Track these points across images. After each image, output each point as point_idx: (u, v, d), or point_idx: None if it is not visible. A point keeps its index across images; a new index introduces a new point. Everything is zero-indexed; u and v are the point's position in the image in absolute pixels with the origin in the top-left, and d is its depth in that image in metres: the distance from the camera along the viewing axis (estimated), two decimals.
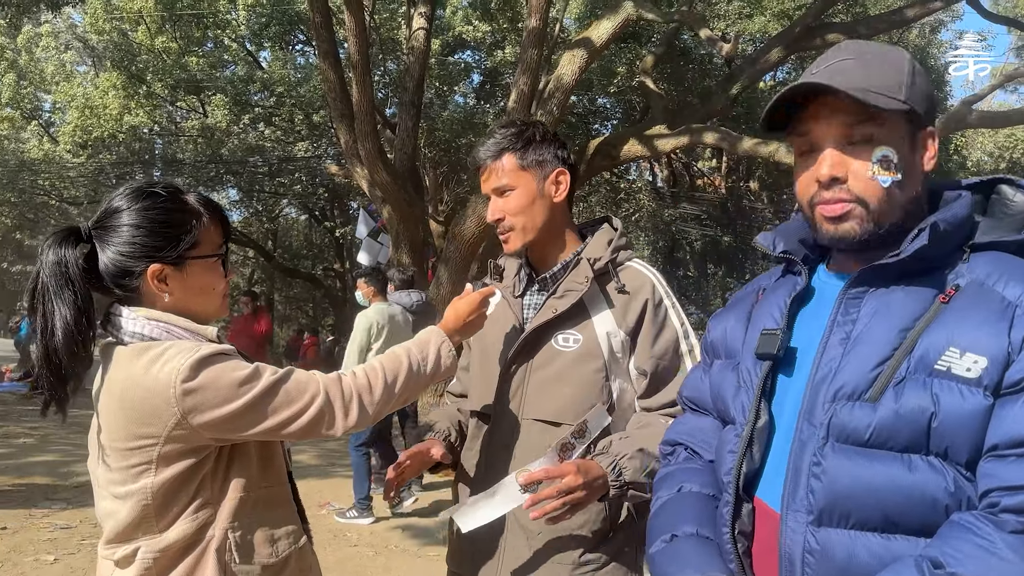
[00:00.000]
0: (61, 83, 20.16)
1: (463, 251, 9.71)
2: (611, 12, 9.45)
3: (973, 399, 1.08)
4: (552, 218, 1.89)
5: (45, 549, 4.87)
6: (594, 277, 1.84)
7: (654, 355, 1.82)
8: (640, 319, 1.83)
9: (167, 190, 1.56)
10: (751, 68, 10.84)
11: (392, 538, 5.75)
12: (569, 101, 10.73)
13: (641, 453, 1.71)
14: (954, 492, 1.08)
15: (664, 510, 1.41)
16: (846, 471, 1.14)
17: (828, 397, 1.19)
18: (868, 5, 17.69)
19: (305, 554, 1.68)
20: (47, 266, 1.47)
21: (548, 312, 1.84)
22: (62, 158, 19.11)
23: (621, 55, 15.47)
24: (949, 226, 1.18)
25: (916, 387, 1.11)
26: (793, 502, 1.20)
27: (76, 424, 9.68)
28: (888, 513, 1.12)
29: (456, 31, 17.89)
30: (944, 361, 1.10)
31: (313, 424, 1.53)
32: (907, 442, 1.11)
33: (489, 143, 1.89)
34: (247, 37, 19.25)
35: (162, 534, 1.50)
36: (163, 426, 1.45)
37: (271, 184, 18.82)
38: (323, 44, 9.77)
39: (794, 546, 1.19)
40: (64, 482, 6.72)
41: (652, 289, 1.86)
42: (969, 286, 1.15)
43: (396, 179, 10.09)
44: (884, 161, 1.19)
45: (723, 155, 19.52)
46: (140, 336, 1.51)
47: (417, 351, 1.71)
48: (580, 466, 1.68)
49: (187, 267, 1.56)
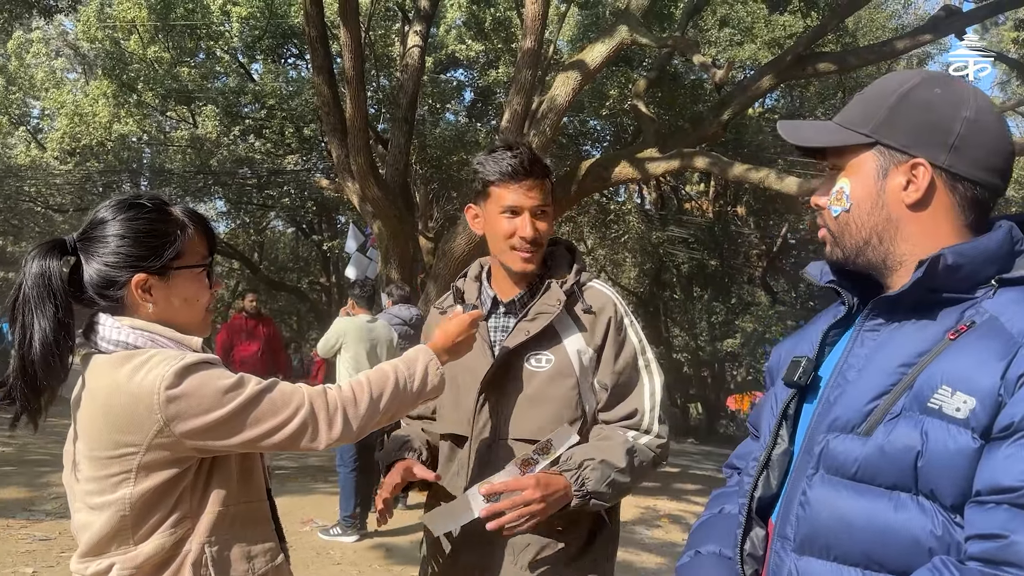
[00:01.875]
0: (51, 90, 20.06)
1: (452, 268, 9.67)
2: (606, 36, 9.51)
3: (960, 440, 1.05)
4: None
5: (23, 561, 4.79)
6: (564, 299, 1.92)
7: (615, 370, 1.93)
8: (605, 336, 1.93)
9: (152, 201, 1.58)
10: (742, 95, 10.90)
11: (376, 557, 5.70)
12: (562, 122, 10.77)
13: (602, 464, 1.82)
14: (940, 536, 1.05)
15: (700, 528, 1.47)
16: (828, 503, 1.14)
17: (824, 428, 1.19)
18: (859, 36, 17.93)
19: (282, 573, 1.66)
20: (29, 277, 1.47)
21: (520, 334, 1.91)
22: (49, 165, 18.96)
23: (613, 78, 15.57)
24: (962, 259, 1.13)
25: (908, 424, 1.09)
26: (782, 528, 1.21)
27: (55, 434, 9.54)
28: (867, 551, 1.10)
29: (449, 49, 17.96)
30: (937, 399, 1.07)
31: (297, 435, 1.53)
32: (895, 479, 1.09)
33: (537, 159, 1.94)
34: (239, 49, 19.22)
35: (137, 547, 1.48)
36: (145, 434, 1.43)
37: (259, 196, 18.72)
38: (318, 58, 9.76)
39: (779, 571, 1.20)
40: (42, 493, 6.62)
41: (614, 308, 1.96)
42: (984, 323, 1.10)
43: (387, 195, 10.07)
44: (838, 192, 1.26)
45: (711, 179, 19.63)
46: (124, 344, 1.50)
47: (405, 368, 1.71)
48: (540, 480, 1.76)
49: (171, 277, 1.56)
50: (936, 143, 1.18)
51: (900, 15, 21.73)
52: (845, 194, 1.25)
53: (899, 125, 1.20)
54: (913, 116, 1.19)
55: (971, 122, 1.17)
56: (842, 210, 1.25)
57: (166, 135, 19.75)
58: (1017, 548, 0.97)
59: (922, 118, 1.19)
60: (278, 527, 1.72)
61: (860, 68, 13.64)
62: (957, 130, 1.17)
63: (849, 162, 1.25)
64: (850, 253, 1.26)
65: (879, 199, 1.22)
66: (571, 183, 11.05)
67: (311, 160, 18.87)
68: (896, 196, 1.21)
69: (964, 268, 1.14)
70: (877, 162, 1.22)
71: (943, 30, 10.27)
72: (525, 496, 1.73)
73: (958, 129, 1.17)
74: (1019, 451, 1.00)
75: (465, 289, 2.09)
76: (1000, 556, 0.98)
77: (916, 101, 1.20)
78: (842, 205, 1.25)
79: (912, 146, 1.19)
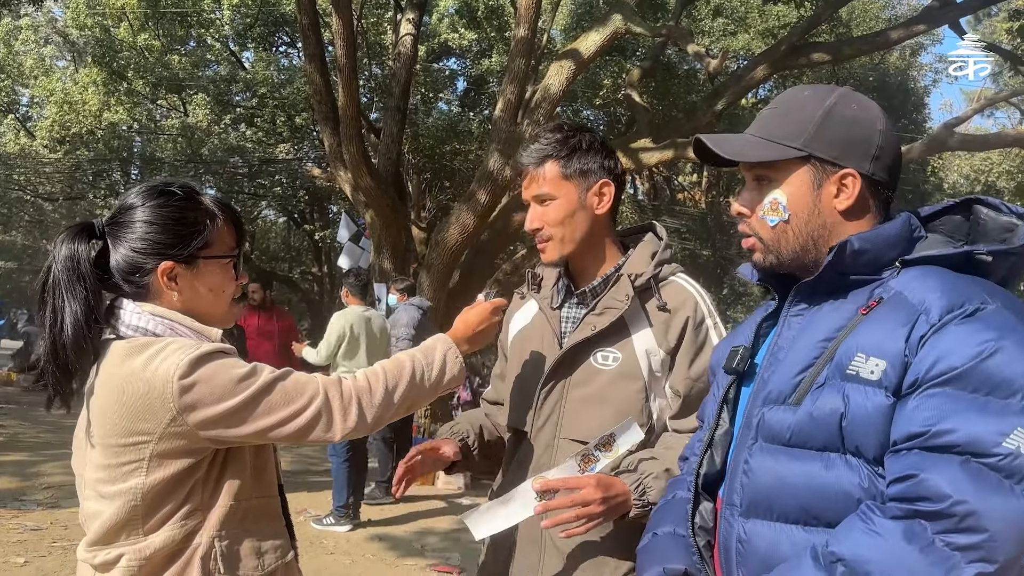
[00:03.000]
0: (40, 77, 19.87)
1: (445, 258, 9.67)
2: (600, 24, 9.47)
3: (876, 399, 1.18)
4: (592, 230, 1.83)
5: (14, 551, 4.76)
6: (635, 295, 1.77)
7: (691, 376, 1.77)
8: (680, 338, 1.77)
9: (183, 189, 1.57)
10: (736, 85, 10.89)
11: (369, 547, 5.70)
12: (555, 111, 10.73)
13: (667, 473, 1.67)
14: (867, 487, 1.18)
15: (656, 512, 1.57)
16: (768, 467, 1.28)
17: (760, 402, 1.32)
18: (853, 26, 17.92)
19: (291, 569, 1.64)
20: (60, 260, 1.47)
21: (587, 329, 1.79)
22: (38, 153, 18.81)
23: (607, 68, 15.54)
24: (867, 244, 1.28)
25: (831, 391, 1.22)
26: (730, 497, 1.34)
27: (46, 423, 9.53)
28: (806, 506, 1.23)
29: (442, 38, 17.86)
30: (854, 366, 1.21)
31: (310, 425, 1.50)
32: (824, 441, 1.22)
33: (532, 148, 1.83)
34: (231, 37, 19.09)
35: (147, 538, 1.46)
36: (158, 423, 1.42)
37: (251, 185, 18.63)
38: (310, 46, 9.70)
39: (729, 536, 1.33)
40: (33, 483, 6.59)
41: (694, 307, 1.80)
42: (891, 298, 1.25)
43: (380, 184, 10.03)
44: (772, 203, 1.36)
45: (704, 170, 19.63)
46: (143, 331, 1.49)
47: (422, 357, 1.67)
48: (600, 480, 1.62)
49: (198, 266, 1.55)
50: (861, 154, 1.32)
51: (894, 5, 21.73)
52: (781, 205, 1.35)
53: (828, 139, 1.32)
54: (840, 131, 1.32)
55: (884, 134, 1.34)
56: (779, 220, 1.35)
57: (156, 123, 19.63)
58: (928, 483, 1.09)
59: (849, 132, 1.32)
60: (289, 523, 1.69)
61: (854, 58, 13.66)
62: (877, 141, 1.33)
63: (781, 174, 1.35)
64: (786, 259, 1.37)
65: (815, 208, 1.34)
66: None
67: (303, 149, 18.79)
68: (830, 204, 1.33)
69: (869, 252, 1.29)
70: (811, 174, 1.33)
71: (937, 20, 10.28)
72: (584, 495, 1.58)
73: (878, 141, 1.33)
74: (924, 401, 1.14)
75: (543, 275, 1.97)
76: (913, 492, 1.10)
77: (841, 117, 1.33)
78: (779, 215, 1.35)
79: (841, 158, 1.32)
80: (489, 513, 1.73)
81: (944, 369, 1.13)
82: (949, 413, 1.11)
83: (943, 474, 1.09)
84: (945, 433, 1.10)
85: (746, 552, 1.29)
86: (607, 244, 1.88)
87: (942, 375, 1.13)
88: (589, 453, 1.69)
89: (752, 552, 1.28)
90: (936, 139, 11.09)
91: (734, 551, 1.31)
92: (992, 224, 1.31)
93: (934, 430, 1.11)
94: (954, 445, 1.10)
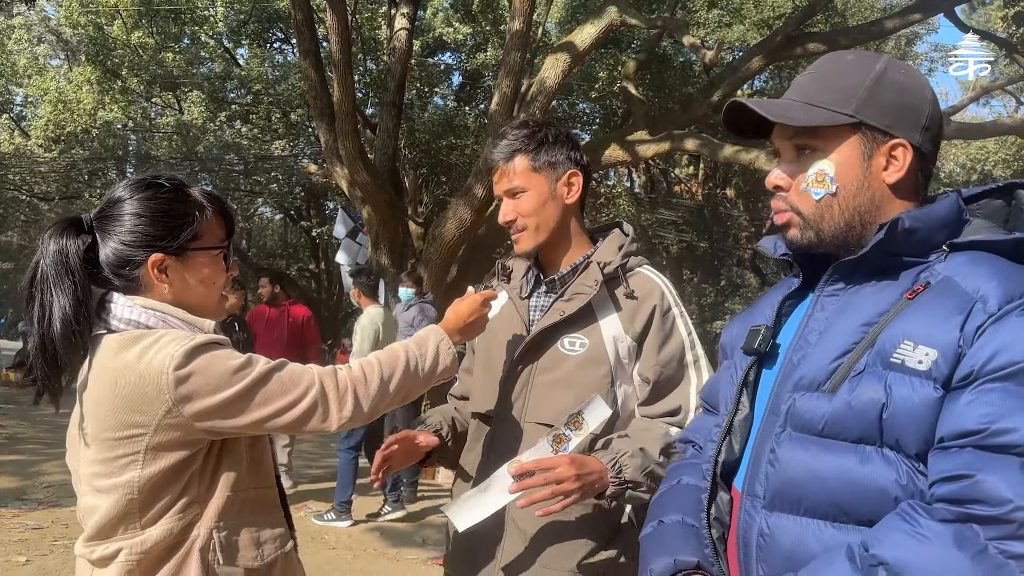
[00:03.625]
0: (34, 76, 19.81)
1: (443, 253, 9.66)
2: (595, 17, 9.46)
3: (923, 391, 1.10)
4: (563, 220, 1.90)
5: (16, 550, 4.77)
6: (603, 281, 1.82)
7: (659, 363, 1.81)
8: (647, 325, 1.82)
9: (171, 182, 1.56)
10: (731, 76, 10.87)
11: (370, 541, 5.71)
12: (551, 105, 10.72)
13: (642, 452, 1.72)
14: (905, 484, 1.10)
15: (660, 499, 1.48)
16: (798, 459, 1.19)
17: (789, 388, 1.23)
18: (848, 16, 17.90)
19: (291, 560, 1.64)
20: (47, 255, 1.46)
21: (555, 314, 1.83)
22: (33, 152, 18.76)
23: (602, 60, 15.51)
24: (917, 223, 1.20)
25: (872, 379, 1.14)
26: (751, 487, 1.25)
27: (46, 423, 9.51)
28: (837, 501, 1.14)
29: (437, 32, 17.83)
30: (899, 354, 1.13)
31: (307, 415, 1.50)
32: (860, 433, 1.14)
33: (501, 144, 1.88)
34: (224, 34, 19.04)
35: (145, 531, 1.46)
36: (154, 415, 1.42)
37: (247, 182, 18.62)
38: (304, 42, 9.68)
39: (749, 530, 1.24)
40: (34, 481, 6.59)
41: (661, 296, 1.85)
42: (939, 283, 1.17)
43: (376, 179, 10.02)
44: (818, 175, 1.25)
45: (700, 162, 19.64)
46: (136, 324, 1.49)
47: (416, 348, 1.68)
48: (574, 459, 1.66)
49: (188, 258, 1.55)
50: (912, 124, 1.24)
51: None
52: (828, 176, 1.25)
53: (880, 105, 1.23)
54: (891, 97, 1.23)
55: (933, 104, 1.26)
56: (826, 193, 1.25)
57: (151, 121, 19.59)
58: (983, 486, 1.01)
59: (900, 99, 1.24)
60: (287, 514, 1.69)
61: (849, 48, 13.63)
62: (927, 111, 1.25)
63: (829, 143, 1.25)
64: (827, 236, 1.27)
65: (865, 181, 1.24)
66: None
67: (299, 145, 18.76)
68: (879, 177, 1.24)
69: (919, 232, 1.20)
70: (861, 143, 1.24)
71: (932, 9, 10.27)
72: (559, 473, 1.62)
73: (928, 110, 1.25)
74: (980, 396, 1.06)
75: (513, 266, 2.03)
76: (967, 495, 1.02)
77: (891, 83, 1.24)
78: (826, 188, 1.25)
79: (893, 127, 1.23)
80: (469, 503, 1.76)
81: (1004, 363, 1.05)
82: (1010, 410, 1.03)
83: (1002, 476, 1.00)
84: (1005, 432, 1.02)
85: (768, 547, 1.21)
86: (577, 234, 1.93)
87: (1002, 369, 1.05)
88: (560, 433, 1.72)
89: (775, 547, 1.20)
90: None
91: (754, 545, 1.23)
92: None
93: (993, 428, 1.03)
94: (1014, 445, 1.02)
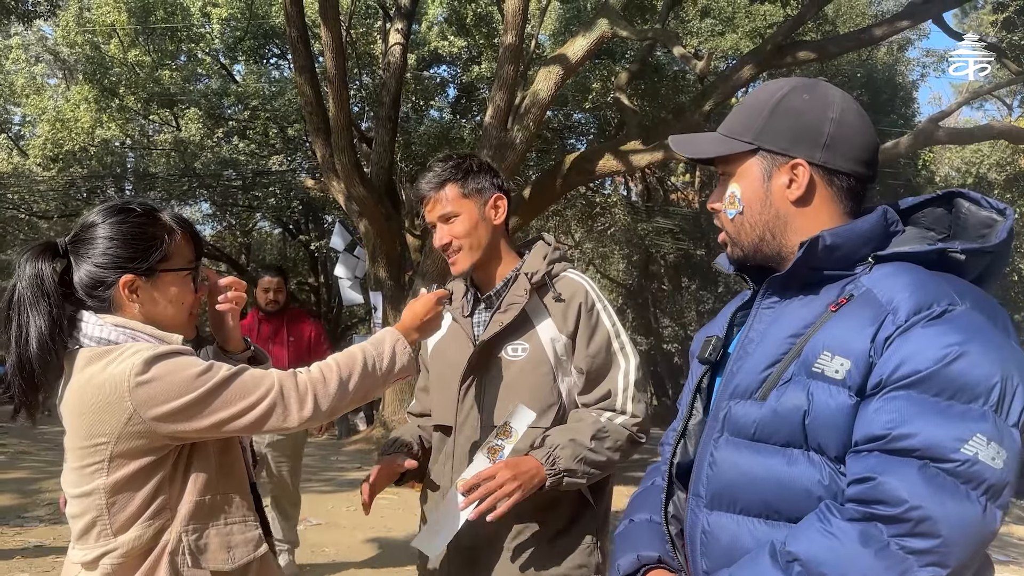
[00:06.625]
0: (31, 96, 19.91)
1: (440, 265, 9.71)
2: (587, 29, 9.55)
3: (839, 398, 1.18)
4: (493, 239, 2.09)
5: (19, 567, 4.80)
6: (533, 289, 2.03)
7: (589, 354, 2.01)
8: (576, 322, 2.02)
9: (141, 206, 1.66)
10: (724, 85, 10.96)
11: (369, 551, 5.73)
12: (545, 116, 10.80)
13: (572, 443, 1.91)
14: (828, 485, 1.19)
15: (634, 499, 1.61)
16: (733, 461, 1.29)
17: (727, 395, 1.33)
18: (839, 24, 18.01)
19: (268, 563, 1.71)
20: (24, 278, 1.55)
21: (495, 326, 2.04)
22: (32, 171, 18.83)
23: (596, 71, 15.60)
24: (839, 239, 1.27)
25: (797, 387, 1.22)
26: (696, 488, 1.35)
27: (47, 441, 9.53)
28: (768, 500, 1.24)
29: (432, 46, 17.93)
30: (819, 364, 1.21)
31: (266, 415, 1.57)
32: (787, 437, 1.23)
33: (430, 176, 2.08)
34: (221, 51, 19.14)
35: (116, 538, 1.53)
36: (116, 423, 1.49)
37: (245, 198, 18.65)
38: (299, 59, 9.77)
39: (694, 527, 1.35)
40: (35, 499, 6.62)
41: (585, 294, 2.03)
42: (861, 295, 1.24)
43: (373, 193, 10.10)
44: (730, 197, 1.39)
45: (696, 170, 19.69)
46: (105, 341, 1.56)
47: (373, 349, 1.76)
48: (509, 463, 1.87)
49: (158, 279, 1.63)
50: (810, 143, 1.32)
51: (879, 1, 21.84)
52: (737, 198, 1.37)
53: (776, 131, 1.33)
54: (787, 121, 1.33)
55: (838, 122, 1.32)
56: (736, 212, 1.38)
57: (149, 139, 19.66)
58: (885, 487, 1.10)
59: (796, 122, 1.33)
60: (264, 521, 1.75)
61: (840, 56, 13.73)
62: (827, 130, 1.31)
63: (736, 168, 1.38)
64: (748, 250, 1.39)
65: (767, 199, 1.35)
66: (556, 177, 11.09)
67: (296, 160, 18.84)
68: (781, 194, 1.34)
69: (841, 248, 1.28)
70: (761, 166, 1.35)
71: (921, 16, 10.36)
72: (498, 480, 1.81)
73: (828, 129, 1.31)
74: (886, 404, 1.14)
75: (453, 289, 2.20)
76: (871, 495, 1.11)
77: (788, 108, 1.34)
78: (735, 208, 1.38)
79: (790, 148, 1.32)
80: (432, 530, 1.95)
81: (908, 372, 1.13)
82: (910, 417, 1.11)
83: (901, 478, 1.09)
84: (905, 437, 1.11)
85: (710, 543, 1.31)
86: (506, 251, 2.13)
87: (905, 378, 1.13)
88: (493, 444, 1.91)
89: (715, 543, 1.30)
90: (922, 133, 11.18)
91: (699, 541, 1.33)
92: (973, 219, 1.29)
93: (894, 433, 1.11)
94: (913, 449, 1.10)
